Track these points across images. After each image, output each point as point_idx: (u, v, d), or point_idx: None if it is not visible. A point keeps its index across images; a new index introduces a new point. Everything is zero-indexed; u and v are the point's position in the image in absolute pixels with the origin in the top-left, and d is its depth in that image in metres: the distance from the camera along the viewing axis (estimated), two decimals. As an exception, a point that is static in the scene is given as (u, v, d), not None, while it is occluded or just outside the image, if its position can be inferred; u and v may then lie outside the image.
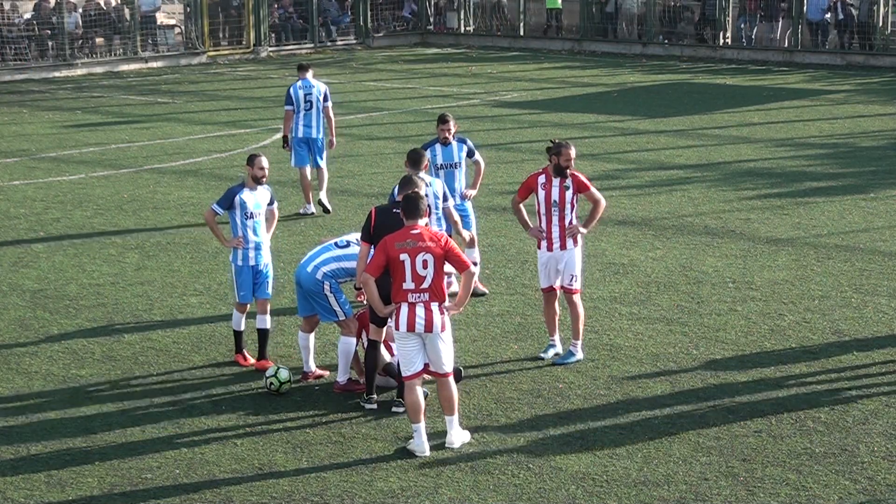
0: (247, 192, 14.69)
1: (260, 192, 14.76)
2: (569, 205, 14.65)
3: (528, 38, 47.90)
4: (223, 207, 14.68)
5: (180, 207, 22.66)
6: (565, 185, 14.61)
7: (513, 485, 11.78)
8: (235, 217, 14.66)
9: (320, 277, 13.90)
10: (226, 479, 11.94)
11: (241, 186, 14.76)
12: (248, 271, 14.68)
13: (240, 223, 14.64)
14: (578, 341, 14.86)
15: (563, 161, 14.63)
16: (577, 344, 14.86)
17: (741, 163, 26.33)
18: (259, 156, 14.83)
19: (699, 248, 19.71)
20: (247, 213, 14.63)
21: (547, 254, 14.76)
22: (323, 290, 13.89)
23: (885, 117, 32.06)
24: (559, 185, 14.62)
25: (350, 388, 13.96)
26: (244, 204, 14.63)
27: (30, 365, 14.94)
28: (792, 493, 11.58)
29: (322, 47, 46.98)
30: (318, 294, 13.94)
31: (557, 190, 14.63)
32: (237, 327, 14.87)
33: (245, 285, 14.70)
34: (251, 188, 14.73)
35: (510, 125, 31.42)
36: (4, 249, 20.03)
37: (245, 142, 29.08)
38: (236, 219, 14.65)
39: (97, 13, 43.13)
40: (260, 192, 14.77)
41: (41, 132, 30.81)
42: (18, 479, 11.95)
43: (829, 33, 43.27)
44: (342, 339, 14.04)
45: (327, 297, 13.91)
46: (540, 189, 14.71)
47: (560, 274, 14.74)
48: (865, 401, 13.66)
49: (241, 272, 14.69)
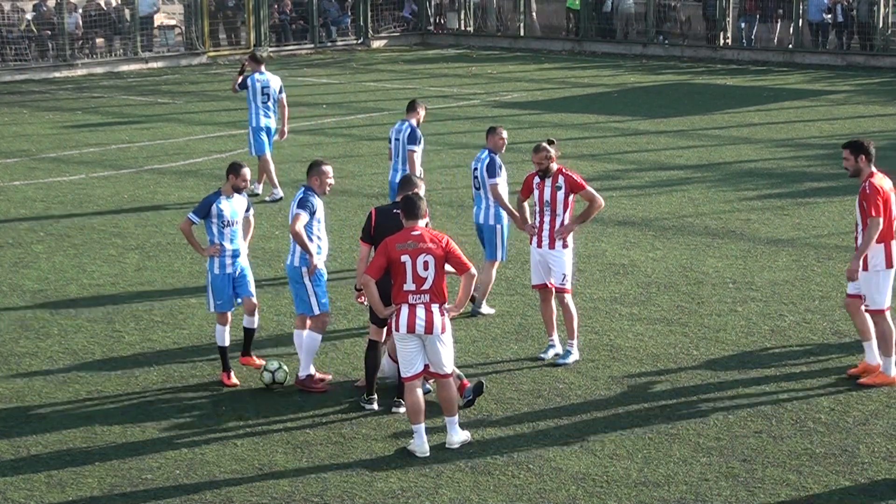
0: (224, 201, 14.41)
1: (237, 200, 14.50)
2: (561, 205, 14.72)
3: (528, 38, 47.91)
4: (200, 216, 14.38)
5: (180, 208, 22.65)
6: (557, 186, 14.68)
7: (513, 485, 11.78)
8: (212, 226, 14.37)
9: (297, 264, 13.95)
10: (226, 480, 11.94)
11: (217, 195, 14.47)
12: (226, 279, 14.42)
13: (217, 232, 14.37)
14: (574, 341, 14.89)
15: (534, 161, 14.76)
16: (573, 343, 14.89)
17: (741, 163, 26.32)
18: (244, 166, 14.57)
19: (699, 248, 19.71)
20: (224, 221, 14.36)
21: (537, 250, 14.87)
22: (302, 277, 13.93)
23: (886, 118, 32.06)
24: (551, 186, 14.72)
25: (307, 386, 14.02)
26: (221, 213, 14.34)
27: (30, 365, 14.94)
28: (792, 493, 11.58)
29: (322, 48, 46.98)
30: (298, 281, 13.98)
31: (549, 190, 14.74)
32: (221, 342, 14.46)
33: (222, 293, 14.41)
34: (228, 196, 14.47)
35: (510, 125, 31.17)
36: (4, 249, 20.03)
37: (245, 142, 29.03)
38: (213, 228, 14.37)
39: (97, 14, 43.14)
40: (237, 199, 14.51)
41: (41, 132, 30.81)
42: (18, 479, 11.95)
43: (829, 34, 43.30)
44: (308, 334, 14.04)
45: (305, 287, 13.93)
46: (535, 188, 14.89)
47: (552, 273, 14.79)
48: (865, 401, 13.66)
49: (217, 280, 14.41)
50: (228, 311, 14.52)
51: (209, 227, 14.43)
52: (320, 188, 14.03)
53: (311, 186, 14.02)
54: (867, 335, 14.12)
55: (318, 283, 14.01)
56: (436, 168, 25.84)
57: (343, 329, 16.06)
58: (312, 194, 13.98)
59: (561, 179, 14.71)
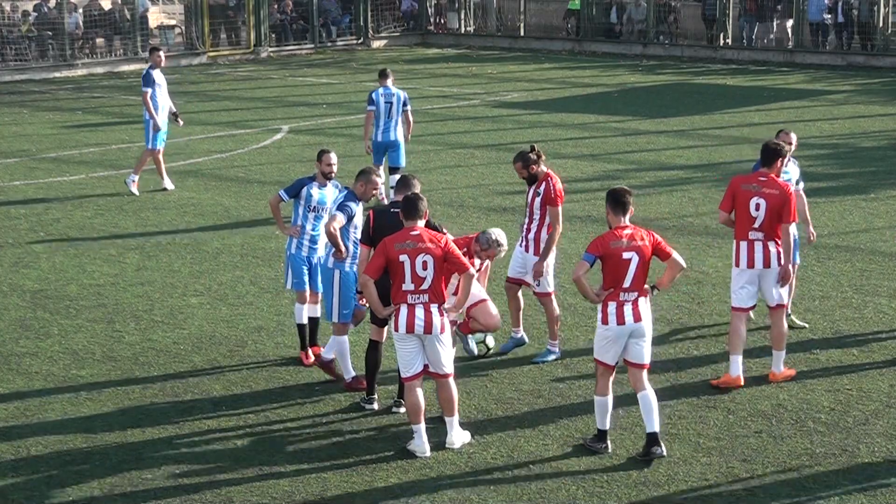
0: (315, 187, 14.74)
1: (328, 189, 14.75)
2: (537, 211, 14.75)
3: (529, 38, 47.94)
4: (289, 195, 14.75)
5: (180, 207, 22.66)
6: (537, 192, 14.75)
7: (513, 485, 11.78)
8: (298, 207, 14.75)
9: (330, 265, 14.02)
10: (226, 479, 11.94)
11: (311, 179, 14.81)
12: (302, 260, 14.73)
13: (301, 214, 14.73)
14: (556, 342, 14.97)
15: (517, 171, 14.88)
16: (555, 344, 14.97)
17: (742, 163, 26.30)
18: (328, 151, 14.84)
19: (700, 248, 19.71)
20: (310, 205, 14.67)
21: (519, 249, 15.01)
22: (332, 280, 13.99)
23: (886, 117, 32.06)
24: (532, 191, 14.80)
25: (353, 387, 14.03)
26: (310, 197, 14.69)
27: (30, 365, 14.94)
28: (792, 493, 11.57)
29: (322, 47, 46.99)
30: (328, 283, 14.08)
31: (531, 195, 14.83)
32: (299, 320, 14.84)
33: (298, 272, 14.72)
34: (321, 184, 14.76)
35: (510, 125, 31.42)
36: (4, 249, 20.03)
37: (245, 142, 29.08)
38: (298, 209, 14.75)
39: (98, 14, 43.14)
40: (328, 188, 14.76)
41: (42, 132, 30.82)
42: (18, 479, 11.95)
43: (829, 33, 43.31)
44: (333, 339, 14.10)
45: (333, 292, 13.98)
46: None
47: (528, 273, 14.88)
48: (865, 401, 13.66)
49: (293, 259, 14.74)
50: (303, 290, 14.73)
51: (295, 208, 14.81)
52: (364, 195, 13.99)
53: (355, 191, 13.96)
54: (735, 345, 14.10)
55: (346, 290, 13.94)
56: (436, 168, 25.85)
57: (343, 329, 16.06)
58: (354, 200, 13.94)
59: (542, 186, 14.72)
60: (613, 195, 12.47)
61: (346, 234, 13.83)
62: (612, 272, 12.23)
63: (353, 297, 13.91)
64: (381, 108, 22.47)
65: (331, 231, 13.73)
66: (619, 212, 12.38)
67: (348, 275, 13.89)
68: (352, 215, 13.79)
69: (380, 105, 22.50)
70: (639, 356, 12.35)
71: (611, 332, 12.25)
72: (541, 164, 14.68)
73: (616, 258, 12.20)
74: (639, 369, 12.37)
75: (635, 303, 12.27)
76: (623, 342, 12.29)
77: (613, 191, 12.55)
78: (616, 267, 12.21)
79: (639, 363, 12.37)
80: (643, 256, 12.26)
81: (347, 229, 13.85)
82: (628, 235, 12.30)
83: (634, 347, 12.33)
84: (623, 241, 12.25)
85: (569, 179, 24.91)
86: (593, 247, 12.28)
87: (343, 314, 13.98)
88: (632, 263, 12.21)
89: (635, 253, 12.23)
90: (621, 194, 12.45)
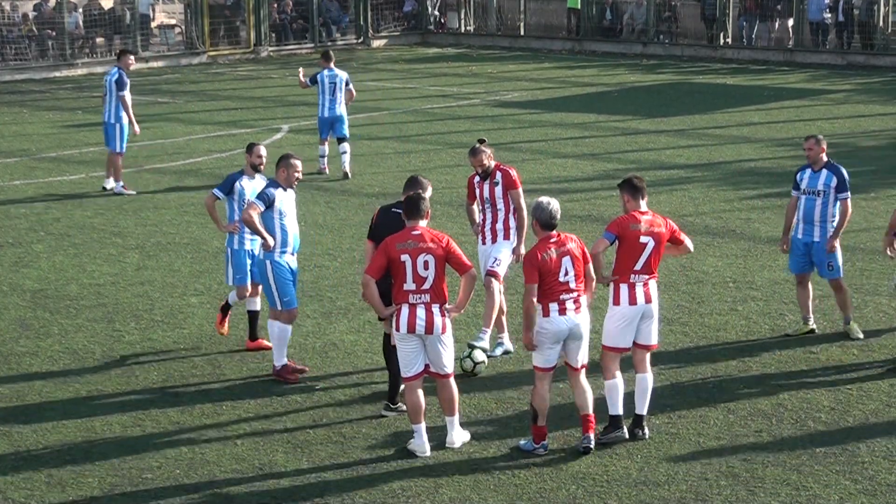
0: (245, 180, 15.01)
1: (258, 181, 14.98)
2: (500, 200, 14.85)
3: (529, 37, 47.94)
4: (223, 192, 14.98)
5: (180, 207, 22.66)
6: (495, 182, 14.86)
7: (513, 485, 11.77)
8: (233, 203, 14.98)
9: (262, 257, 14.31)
10: (226, 479, 11.94)
11: (240, 174, 15.08)
12: (244, 255, 14.99)
13: (236, 209, 14.92)
14: (488, 330, 14.75)
15: (473, 165, 14.95)
16: (486, 332, 14.75)
17: (742, 162, 26.33)
18: (257, 144, 15.26)
19: (700, 247, 19.67)
20: (244, 200, 14.82)
21: (482, 248, 15.00)
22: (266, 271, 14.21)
23: (886, 117, 32.06)
24: (489, 183, 14.87)
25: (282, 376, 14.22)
26: (242, 191, 14.93)
27: (30, 365, 14.94)
28: (792, 493, 11.57)
29: (322, 47, 46.98)
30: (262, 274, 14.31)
31: (489, 187, 14.89)
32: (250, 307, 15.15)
33: (240, 267, 15.02)
34: (250, 176, 15.04)
35: (510, 125, 31.42)
36: (4, 249, 20.03)
37: (245, 142, 28.95)
38: (234, 204, 14.96)
39: (98, 13, 43.14)
40: (258, 180, 15.00)
41: (41, 132, 30.82)
42: (18, 479, 11.95)
43: (829, 33, 43.31)
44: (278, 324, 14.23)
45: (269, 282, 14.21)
46: (476, 188, 15.04)
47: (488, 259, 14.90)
48: (865, 401, 13.66)
49: (236, 255, 15.01)
50: (245, 285, 15.03)
51: (230, 205, 15.03)
52: (286, 181, 14.22)
53: (277, 179, 14.24)
54: None
55: (281, 279, 14.12)
56: (436, 168, 25.84)
57: (343, 328, 16.05)
58: (275, 186, 14.17)
59: (498, 175, 14.88)
60: (629, 182, 12.77)
61: (270, 222, 14.06)
62: (627, 254, 12.49)
63: (290, 282, 14.15)
64: (326, 87, 24.86)
65: (245, 218, 14.02)
66: (638, 196, 12.67)
67: (278, 264, 14.11)
68: (271, 201, 14.01)
69: (324, 84, 24.88)
70: (647, 337, 12.62)
71: (624, 312, 12.48)
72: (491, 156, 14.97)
73: (633, 241, 12.48)
74: (645, 350, 12.66)
75: (646, 284, 12.54)
76: (636, 324, 12.53)
77: (629, 178, 12.85)
78: (631, 249, 12.47)
79: (646, 344, 12.64)
80: (659, 242, 12.55)
81: (272, 216, 14.06)
82: (648, 221, 12.57)
83: (644, 328, 12.59)
84: (642, 224, 12.52)
85: (569, 179, 24.94)
86: (614, 226, 12.58)
87: (285, 301, 14.19)
88: (647, 248, 12.50)
89: (652, 238, 12.52)
90: (638, 179, 12.80)
